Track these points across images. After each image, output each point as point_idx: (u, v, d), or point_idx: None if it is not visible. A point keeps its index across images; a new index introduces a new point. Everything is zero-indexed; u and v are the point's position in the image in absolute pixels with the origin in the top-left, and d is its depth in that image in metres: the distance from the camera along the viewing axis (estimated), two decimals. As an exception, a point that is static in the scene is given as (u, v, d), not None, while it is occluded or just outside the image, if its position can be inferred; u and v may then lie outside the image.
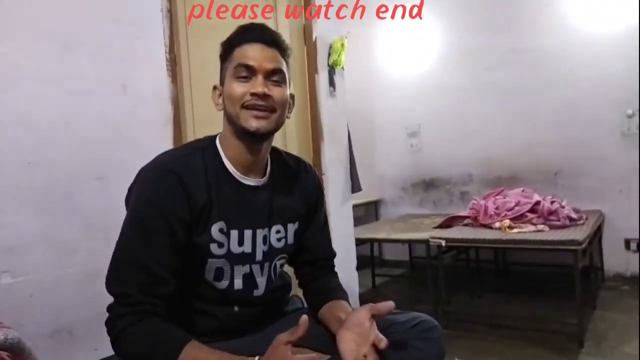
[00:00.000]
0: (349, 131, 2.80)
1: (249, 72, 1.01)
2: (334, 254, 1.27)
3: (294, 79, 2.39)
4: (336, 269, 1.28)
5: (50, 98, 1.45)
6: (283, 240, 1.13)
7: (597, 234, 3.04)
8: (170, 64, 1.73)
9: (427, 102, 4.02)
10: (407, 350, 1.06)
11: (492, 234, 2.71)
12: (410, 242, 3.58)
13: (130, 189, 1.02)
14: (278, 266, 1.16)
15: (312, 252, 1.21)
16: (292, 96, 1.11)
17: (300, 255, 1.22)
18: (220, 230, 1.03)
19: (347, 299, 1.15)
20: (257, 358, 0.91)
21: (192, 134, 1.78)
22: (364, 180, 2.99)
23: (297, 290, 1.30)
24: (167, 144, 1.67)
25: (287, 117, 1.09)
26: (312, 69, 2.49)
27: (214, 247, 1.02)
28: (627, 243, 3.30)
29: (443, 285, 2.81)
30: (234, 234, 1.05)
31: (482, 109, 3.77)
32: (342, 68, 2.68)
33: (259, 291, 1.10)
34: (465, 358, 0.97)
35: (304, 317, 1.01)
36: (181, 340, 0.91)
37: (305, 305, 1.32)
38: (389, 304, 0.99)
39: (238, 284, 1.06)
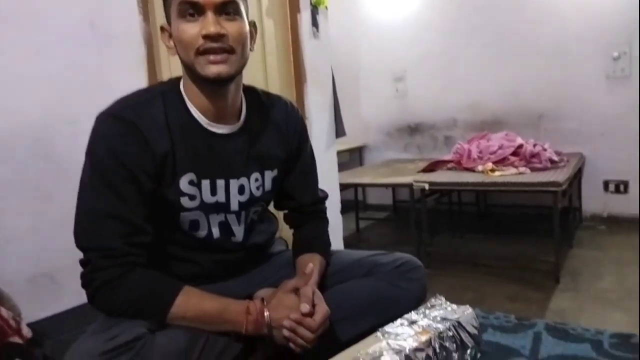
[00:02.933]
0: (333, 74, 2.71)
1: (196, 9, 0.87)
2: (322, 198, 1.21)
3: (274, 17, 2.30)
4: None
5: (13, 38, 1.34)
6: (261, 189, 1.07)
7: (577, 176, 3.05)
8: (142, 1, 1.61)
9: (413, 45, 3.90)
10: (391, 290, 1.05)
11: (475, 177, 2.70)
12: (394, 186, 3.57)
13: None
14: (252, 213, 1.11)
15: (297, 199, 1.16)
16: (252, 24, 0.98)
17: (285, 201, 1.17)
18: (191, 183, 0.96)
19: (323, 250, 1.12)
20: (260, 300, 0.92)
21: (169, 74, 1.68)
22: (348, 125, 2.93)
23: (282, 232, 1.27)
24: (142, 85, 1.57)
25: (251, 50, 0.97)
26: (294, 8, 2.36)
27: (185, 201, 0.96)
28: (606, 184, 3.33)
29: (425, 227, 2.83)
30: (205, 184, 0.98)
31: (468, 53, 3.68)
32: (326, 8, 2.55)
33: (237, 238, 1.06)
34: (445, 295, 0.98)
35: (310, 265, 1.00)
36: (174, 288, 0.88)
37: (290, 247, 1.31)
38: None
39: (216, 232, 1.02)
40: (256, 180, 1.06)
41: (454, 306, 0.93)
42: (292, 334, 0.87)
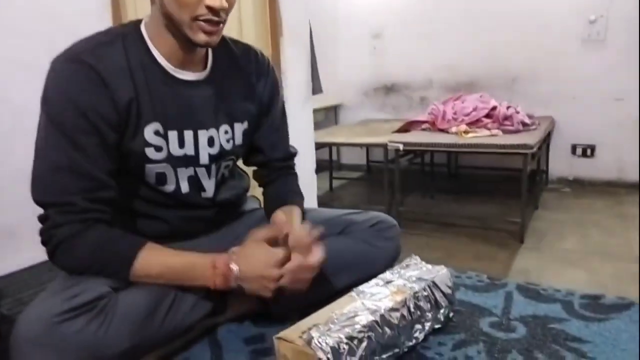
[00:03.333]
0: (310, 29, 2.60)
1: None
2: (292, 154, 1.16)
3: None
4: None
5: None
6: (231, 142, 1.01)
7: (546, 139, 3.08)
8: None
9: (392, 2, 3.78)
10: (365, 249, 1.03)
11: (449, 138, 2.69)
12: (368, 146, 3.54)
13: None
14: (223, 167, 1.05)
15: (267, 154, 1.10)
16: None
17: (254, 156, 1.11)
18: (156, 133, 0.89)
19: (299, 203, 1.07)
20: (233, 249, 0.88)
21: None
22: (325, 83, 2.85)
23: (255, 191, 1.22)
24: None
25: None
26: (271, -43, 2.22)
27: (150, 152, 0.89)
28: (574, 148, 3.38)
29: (398, 187, 2.83)
30: (173, 135, 0.91)
31: (446, 14, 3.59)
32: (304, -43, 2.41)
33: (208, 193, 1.00)
34: (415, 254, 0.96)
35: (281, 216, 0.96)
36: (136, 244, 0.83)
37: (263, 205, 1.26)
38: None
39: (185, 187, 0.96)
40: (226, 132, 1.00)
41: (429, 266, 0.91)
42: (292, 279, 0.87)
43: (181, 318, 0.87)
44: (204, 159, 0.97)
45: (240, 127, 1.02)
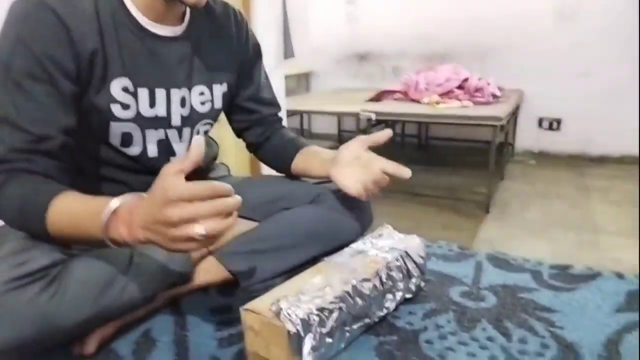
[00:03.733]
0: (282, -10, 2.48)
1: None
2: (279, 109, 1.11)
3: None
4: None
5: None
6: (208, 104, 0.94)
7: (514, 112, 3.10)
8: None
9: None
10: (337, 218, 0.99)
11: (421, 109, 2.67)
12: (340, 115, 3.49)
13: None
14: (202, 132, 0.99)
15: (260, 111, 1.05)
16: None
17: (246, 117, 1.05)
18: (125, 90, 0.82)
19: (307, 144, 1.05)
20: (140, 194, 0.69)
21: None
22: (297, 48, 2.76)
23: (223, 158, 1.16)
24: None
25: None
26: None
27: (116, 109, 0.82)
28: (540, 121, 3.42)
29: (369, 156, 2.80)
30: (143, 93, 0.84)
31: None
32: None
33: (177, 159, 0.93)
34: (383, 223, 0.93)
35: (197, 137, 0.81)
36: (51, 193, 0.71)
37: (231, 172, 1.20)
38: (387, 132, 0.93)
39: (152, 150, 0.89)
40: (201, 94, 0.93)
41: (402, 235, 0.88)
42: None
43: (142, 287, 0.82)
44: (175, 120, 0.90)
45: (219, 90, 0.96)
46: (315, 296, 0.69)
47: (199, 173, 1.04)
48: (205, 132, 1.00)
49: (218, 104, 0.96)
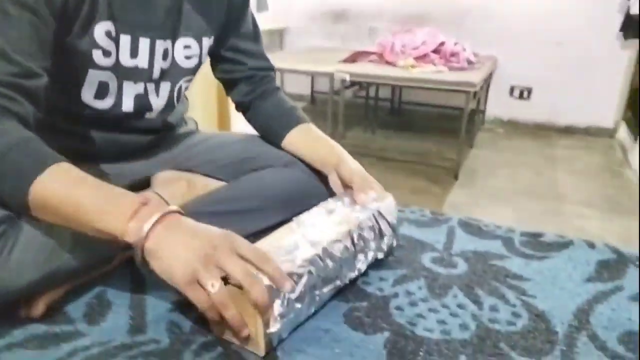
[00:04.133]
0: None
1: None
2: (271, 65, 1.01)
3: None
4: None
5: None
6: (195, 59, 0.86)
7: (487, 79, 3.08)
8: None
9: None
10: (311, 181, 0.93)
11: (396, 72, 2.61)
12: (314, 75, 3.39)
13: None
14: (183, 89, 0.90)
15: (244, 63, 0.95)
16: None
17: (230, 69, 0.96)
18: (108, 34, 0.74)
19: (308, 120, 0.97)
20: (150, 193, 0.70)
21: None
22: (271, 2, 2.62)
23: (189, 111, 1.08)
24: None
25: None
26: None
27: (97, 55, 0.74)
28: (512, 90, 3.42)
29: (341, 119, 2.75)
30: (125, 40, 0.76)
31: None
32: None
33: (152, 114, 0.86)
34: None
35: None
36: (48, 158, 0.62)
37: (199, 127, 1.12)
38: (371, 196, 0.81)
39: (127, 105, 0.81)
40: (186, 47, 0.85)
41: (374, 194, 0.83)
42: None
43: (97, 249, 0.75)
44: (156, 72, 0.82)
45: (207, 43, 0.88)
46: (283, 260, 0.64)
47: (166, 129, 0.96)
48: (186, 88, 0.91)
49: (205, 58, 0.89)
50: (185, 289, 0.55)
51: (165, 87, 0.86)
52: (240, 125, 1.17)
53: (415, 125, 3.57)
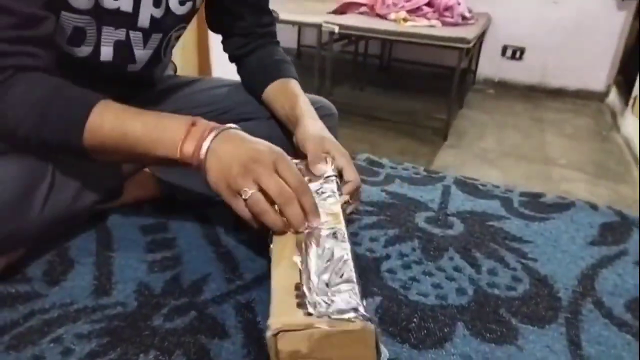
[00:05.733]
0: None
1: None
2: (274, 18, 0.89)
3: None
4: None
5: None
6: (189, 4, 0.74)
7: (480, 38, 2.97)
8: None
9: None
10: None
11: (387, 25, 2.49)
12: (301, 26, 3.23)
13: None
14: (173, 39, 0.79)
15: (241, 15, 0.84)
16: None
17: (228, 21, 0.85)
18: None
19: (294, 74, 0.84)
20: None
21: None
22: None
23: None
24: None
25: None
26: None
27: None
28: (504, 49, 3.32)
29: (329, 75, 2.64)
30: None
31: None
32: None
33: (136, 66, 0.75)
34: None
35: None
36: (87, 99, 0.58)
37: (178, 70, 1.02)
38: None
39: (106, 53, 0.69)
40: None
41: (324, 167, 0.68)
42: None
43: (64, 205, 0.67)
44: (143, 20, 0.70)
45: None
46: (333, 271, 0.47)
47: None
48: (177, 38, 0.80)
49: (199, 3, 0.76)
50: (228, 199, 0.55)
51: (155, 38, 0.74)
52: (221, 70, 1.07)
53: (405, 83, 3.46)
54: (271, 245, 0.54)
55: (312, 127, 0.71)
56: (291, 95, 0.78)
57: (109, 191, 0.74)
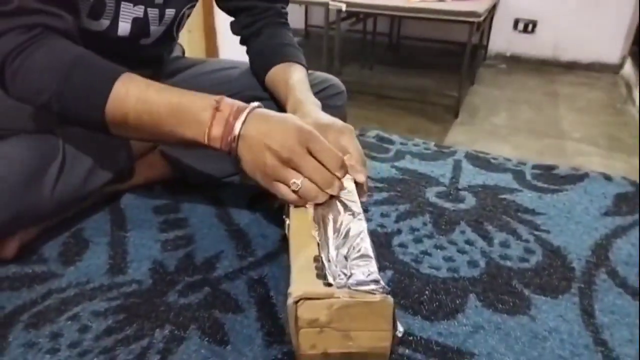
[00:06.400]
0: None
1: None
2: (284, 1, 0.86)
3: None
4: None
5: None
6: None
7: (491, 12, 2.91)
8: None
9: None
10: None
11: (395, 1, 2.44)
12: (308, 4, 3.19)
13: None
14: (185, 17, 0.78)
15: None
16: None
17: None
18: None
19: (300, 58, 0.81)
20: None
21: None
22: None
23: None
24: None
25: None
26: None
27: None
28: (516, 23, 3.24)
29: (337, 54, 2.60)
30: None
31: None
32: None
33: (148, 40, 0.74)
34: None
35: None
36: (111, 71, 0.56)
37: (185, 53, 1.01)
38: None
39: (124, 29, 0.69)
40: None
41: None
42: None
43: (76, 185, 0.67)
44: None
45: None
46: (355, 244, 0.47)
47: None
48: (189, 15, 0.79)
49: None
50: (267, 186, 0.54)
51: (169, 13, 0.73)
52: (228, 53, 1.06)
53: (415, 61, 3.41)
54: (287, 221, 0.54)
55: (314, 114, 0.67)
56: (289, 81, 0.75)
57: (120, 172, 0.75)
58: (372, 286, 0.41)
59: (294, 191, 0.52)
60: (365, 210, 0.73)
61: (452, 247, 0.66)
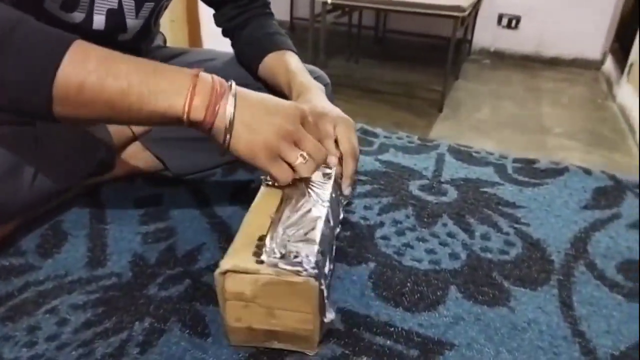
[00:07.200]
0: None
1: None
2: None
3: None
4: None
5: None
6: None
7: (475, 7, 2.92)
8: None
9: None
10: None
11: (381, -6, 2.44)
12: (293, -1, 3.17)
13: None
14: (164, 7, 0.77)
15: None
16: None
17: None
18: None
19: (292, 47, 0.80)
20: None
21: None
22: None
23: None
24: None
25: None
26: None
27: None
28: (500, 18, 3.27)
29: (323, 47, 2.59)
30: None
31: None
32: None
33: (127, 35, 0.73)
34: None
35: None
36: (64, 35, 0.46)
37: (167, 43, 0.99)
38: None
39: (99, 22, 0.67)
40: None
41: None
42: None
43: (56, 178, 0.66)
44: None
45: None
46: (301, 228, 0.47)
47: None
48: (166, 7, 0.78)
49: None
50: (270, 167, 0.52)
51: (147, 7, 0.72)
52: (212, 44, 1.05)
53: (400, 55, 3.42)
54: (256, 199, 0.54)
55: (314, 101, 0.68)
56: (289, 67, 0.75)
57: (100, 164, 0.73)
58: (299, 268, 0.42)
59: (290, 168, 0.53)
60: (349, 203, 0.73)
61: (434, 239, 0.66)
